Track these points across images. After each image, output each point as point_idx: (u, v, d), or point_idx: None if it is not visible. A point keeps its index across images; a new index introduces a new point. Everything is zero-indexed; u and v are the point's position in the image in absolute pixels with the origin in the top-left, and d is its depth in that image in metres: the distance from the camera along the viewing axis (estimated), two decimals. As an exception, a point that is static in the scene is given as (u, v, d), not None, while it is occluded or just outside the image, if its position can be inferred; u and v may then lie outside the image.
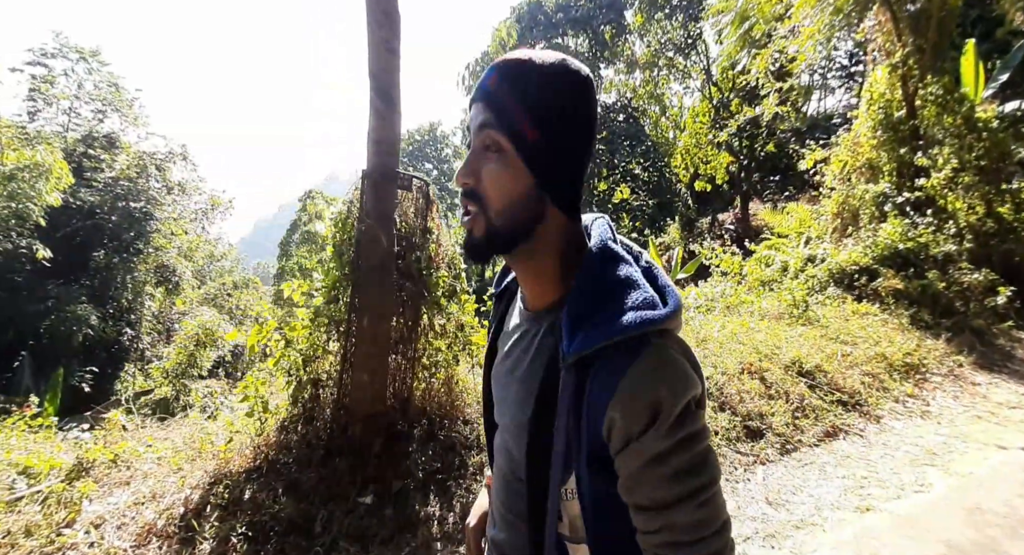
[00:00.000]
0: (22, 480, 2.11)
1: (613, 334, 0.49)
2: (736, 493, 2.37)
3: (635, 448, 0.49)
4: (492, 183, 0.54)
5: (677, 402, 0.48)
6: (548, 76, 0.53)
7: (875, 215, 7.09)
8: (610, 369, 0.49)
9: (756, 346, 3.66)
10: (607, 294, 0.53)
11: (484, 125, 0.54)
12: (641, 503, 0.51)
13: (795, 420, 2.95)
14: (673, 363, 0.50)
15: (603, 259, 0.56)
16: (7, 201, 12.44)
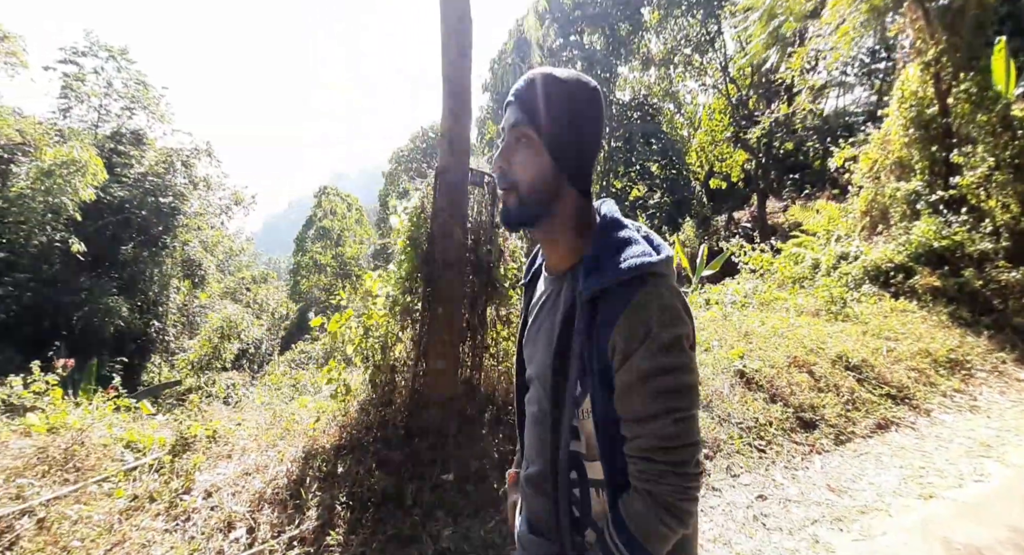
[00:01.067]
0: (128, 453, 2.27)
1: (619, 274, 0.63)
2: (797, 480, 2.46)
3: (628, 365, 0.62)
4: (522, 166, 0.70)
5: (664, 330, 0.61)
6: (566, 85, 0.69)
7: (907, 213, 7.06)
8: (615, 301, 0.63)
9: (801, 341, 3.73)
10: (614, 248, 0.67)
11: (517, 122, 0.69)
12: (627, 414, 0.63)
13: (846, 412, 3.02)
14: (665, 300, 0.63)
15: (611, 225, 0.71)
16: (43, 196, 12.80)
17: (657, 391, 0.61)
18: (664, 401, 0.61)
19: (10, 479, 1.90)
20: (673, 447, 0.61)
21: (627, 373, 0.62)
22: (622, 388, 0.63)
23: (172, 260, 16.90)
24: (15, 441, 2.14)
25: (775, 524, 2.10)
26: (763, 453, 2.66)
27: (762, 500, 2.29)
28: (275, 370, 15.87)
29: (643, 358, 0.60)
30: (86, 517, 1.81)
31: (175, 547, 1.73)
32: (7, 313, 12.58)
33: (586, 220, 0.73)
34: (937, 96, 7.16)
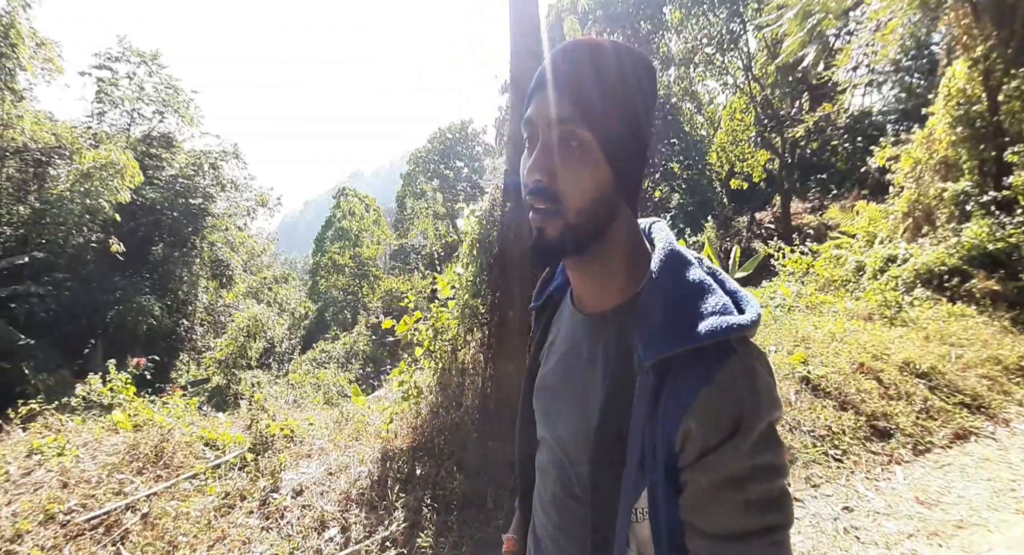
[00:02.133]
0: (208, 451, 2.30)
1: (696, 339, 0.47)
2: (881, 491, 2.38)
3: (710, 461, 0.46)
4: (573, 180, 0.51)
5: (761, 419, 0.46)
6: (625, 64, 0.51)
7: (955, 214, 6.85)
8: (690, 376, 0.47)
9: (862, 346, 3.63)
10: (683, 298, 0.50)
11: (563, 118, 0.50)
12: (706, 528, 0.47)
13: (921, 421, 2.92)
14: (759, 376, 0.47)
15: (673, 264, 0.53)
16: (81, 198, 13.20)
17: (751, 501, 0.46)
18: (760, 515, 0.46)
19: (110, 475, 1.93)
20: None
21: (707, 473, 0.47)
22: (695, 491, 0.48)
23: (200, 260, 17.28)
24: (107, 438, 2.18)
25: (868, 538, 2.04)
26: (840, 462, 2.59)
27: (848, 512, 2.23)
28: (298, 369, 16.13)
29: (732, 456, 0.46)
30: (184, 513, 1.83)
31: (274, 545, 1.75)
32: (46, 312, 12.98)
33: (640, 248, 0.57)
34: (987, 93, 6.94)
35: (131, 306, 14.78)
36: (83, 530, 1.67)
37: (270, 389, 11.84)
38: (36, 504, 1.71)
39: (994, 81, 6.83)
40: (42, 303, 12.74)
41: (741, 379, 0.46)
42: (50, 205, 13.10)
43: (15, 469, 1.89)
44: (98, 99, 17.25)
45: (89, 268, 14.67)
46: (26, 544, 1.58)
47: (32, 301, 12.66)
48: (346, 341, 24.04)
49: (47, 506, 1.71)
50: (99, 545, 1.63)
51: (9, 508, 1.69)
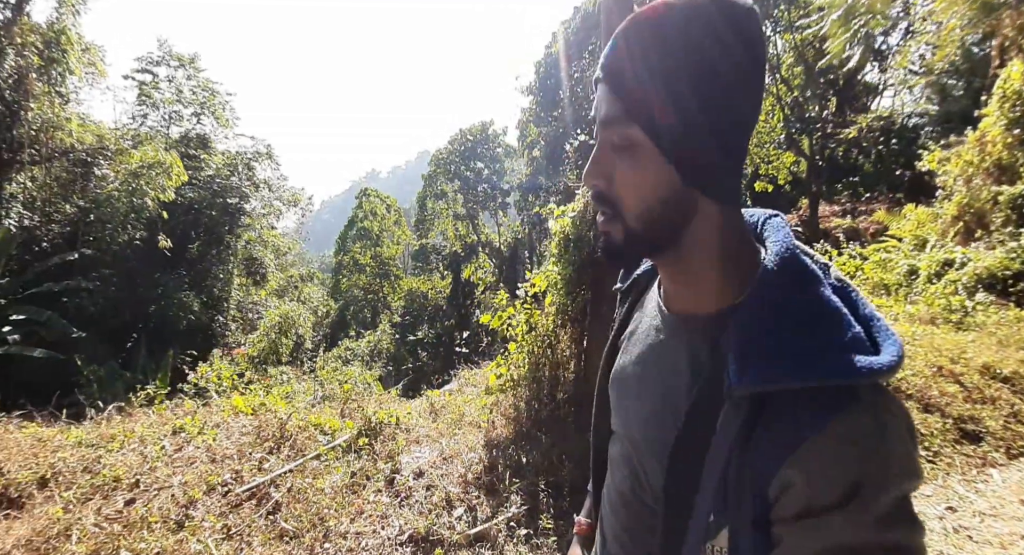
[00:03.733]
0: (319, 435, 2.42)
1: (811, 376, 0.39)
2: (982, 493, 2.38)
3: (815, 526, 0.38)
4: (626, 186, 0.46)
5: (887, 489, 0.37)
6: (686, 33, 0.42)
7: (1011, 218, 6.70)
8: (799, 419, 0.39)
9: (937, 350, 3.60)
10: (800, 319, 0.42)
11: (611, 117, 0.46)
12: None
13: (1010, 425, 2.90)
14: (890, 434, 0.38)
15: (790, 273, 0.44)
16: (128, 196, 13.70)
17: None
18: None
19: (248, 453, 2.06)
20: None
21: (806, 538, 0.38)
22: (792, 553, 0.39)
23: (235, 258, 17.75)
24: (233, 420, 2.32)
25: (981, 537, 2.05)
26: (934, 464, 2.59)
27: (952, 512, 2.23)
28: (325, 366, 16.43)
29: (846, 526, 0.37)
30: (319, 489, 1.94)
31: (409, 521, 1.84)
32: (94, 306, 13.48)
33: (740, 246, 0.49)
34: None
35: (172, 302, 15.25)
36: (242, 500, 1.80)
37: (299, 385, 12.12)
38: (198, 476, 1.84)
39: (1054, 82, 6.67)
40: (91, 298, 13.24)
41: (865, 435, 0.38)
42: (96, 204, 13.62)
43: (168, 445, 2.03)
44: (140, 102, 17.85)
45: (133, 264, 15.18)
46: (199, 510, 1.71)
47: (82, 296, 13.18)
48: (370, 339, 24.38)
49: (208, 478, 1.84)
50: (256, 514, 1.75)
51: (176, 478, 1.82)
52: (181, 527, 1.62)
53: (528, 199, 25.93)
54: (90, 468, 1.81)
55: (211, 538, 1.59)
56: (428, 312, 27.97)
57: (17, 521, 1.54)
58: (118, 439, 2.01)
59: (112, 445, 1.96)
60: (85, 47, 15.25)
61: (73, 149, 14.50)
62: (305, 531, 1.72)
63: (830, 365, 0.38)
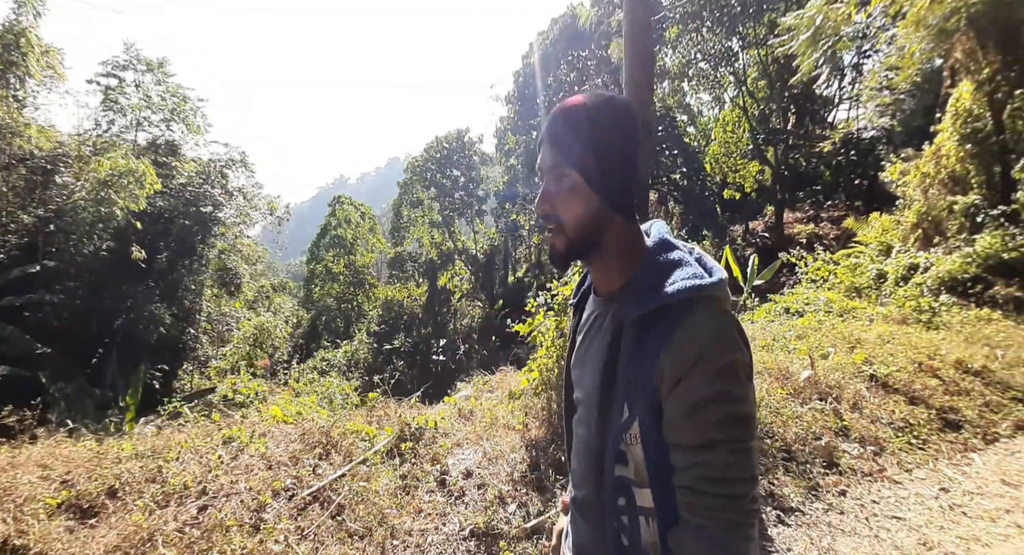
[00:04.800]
0: (359, 441, 2.49)
1: (669, 297, 0.61)
2: (968, 475, 2.65)
3: (681, 389, 0.58)
4: (567, 209, 0.68)
5: (720, 355, 0.58)
6: (598, 115, 0.67)
7: (965, 225, 7.29)
8: (664, 325, 0.60)
9: (914, 347, 3.93)
10: (663, 270, 0.65)
11: (555, 164, 0.68)
12: (681, 442, 0.59)
13: (984, 414, 3.21)
14: (718, 323, 0.60)
15: (661, 246, 0.69)
16: (95, 206, 13.16)
17: (710, 419, 0.58)
18: (718, 430, 0.57)
19: (301, 459, 2.11)
20: (728, 479, 0.57)
21: (677, 399, 0.59)
22: (672, 415, 0.60)
23: (208, 268, 17.21)
24: (277, 428, 2.36)
25: (974, 513, 2.29)
26: (923, 450, 2.85)
27: (945, 492, 2.48)
28: (300, 377, 16.06)
29: (694, 384, 0.58)
30: (374, 491, 2.01)
31: (468, 517, 1.94)
32: (59, 320, 12.84)
33: (636, 243, 0.72)
34: (992, 113, 7.43)
35: (142, 315, 14.67)
36: (306, 503, 1.85)
37: (272, 397, 11.86)
38: (260, 482, 1.88)
39: (999, 102, 7.32)
40: (55, 311, 12.61)
41: (701, 325, 0.59)
42: (58, 213, 13.01)
43: (224, 454, 2.05)
44: (106, 107, 17.19)
45: (100, 276, 14.55)
46: (269, 513, 1.76)
47: (45, 309, 12.54)
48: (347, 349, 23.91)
49: (273, 483, 1.88)
50: (322, 516, 1.81)
51: (241, 484, 1.86)
52: (257, 530, 1.67)
53: (505, 207, 26.15)
54: (154, 478, 1.83)
55: (287, 539, 1.65)
56: (404, 321, 27.66)
57: (96, 529, 1.56)
58: (173, 450, 2.03)
59: (168, 455, 1.98)
60: (45, 50, 14.64)
61: (32, 156, 13.83)
62: (372, 530, 1.80)
63: (677, 288, 0.61)
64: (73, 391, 11.23)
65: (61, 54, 15.11)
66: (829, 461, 2.61)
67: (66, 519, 1.57)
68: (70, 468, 1.80)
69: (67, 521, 1.57)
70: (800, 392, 3.14)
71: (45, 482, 1.71)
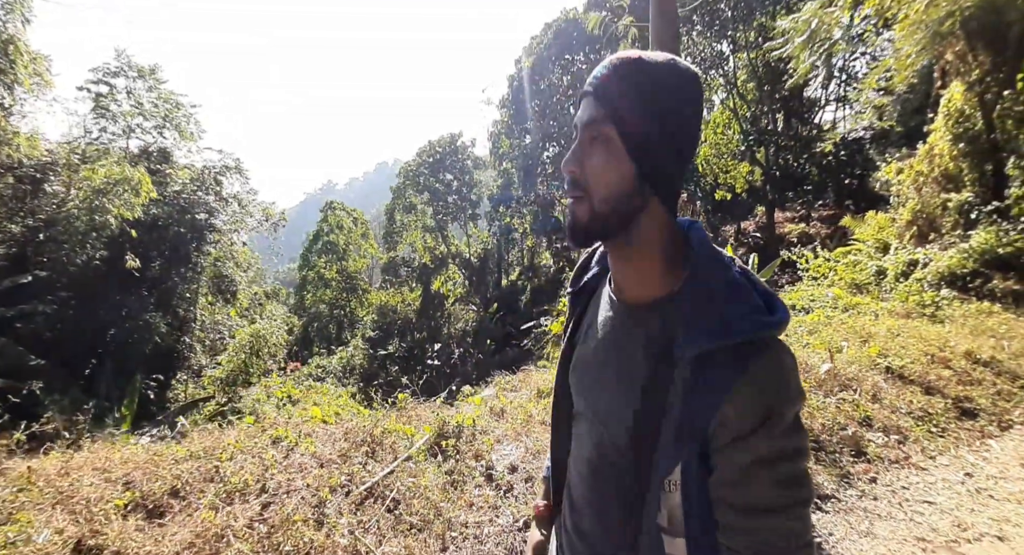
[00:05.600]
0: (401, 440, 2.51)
1: (734, 335, 0.53)
2: (988, 460, 2.73)
3: (745, 445, 0.53)
4: (595, 172, 0.58)
5: (790, 408, 0.53)
6: (657, 72, 0.57)
7: (959, 222, 7.48)
8: (728, 367, 0.53)
9: (924, 340, 4.03)
10: (723, 296, 0.56)
11: (593, 119, 0.58)
12: (738, 502, 0.54)
13: (998, 403, 3.31)
14: (789, 371, 0.54)
15: (713, 261, 0.60)
16: (88, 214, 13.00)
17: (778, 480, 0.53)
18: (786, 493, 0.53)
19: (350, 457, 2.13)
20: (791, 547, 0.53)
21: (743, 454, 0.53)
22: (732, 471, 0.54)
23: (204, 276, 17.04)
24: (321, 428, 2.37)
25: (999, 496, 2.37)
26: (943, 438, 2.94)
27: (969, 477, 2.56)
28: (297, 385, 15.90)
29: (765, 439, 0.53)
30: (424, 486, 2.04)
31: (519, 509, 1.97)
32: (52, 330, 12.65)
33: (676, 243, 0.62)
34: (982, 113, 7.65)
35: (137, 324, 14.49)
36: (363, 498, 1.87)
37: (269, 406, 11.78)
38: (317, 479, 1.90)
39: (989, 102, 7.54)
40: (47, 322, 12.41)
41: (773, 372, 0.53)
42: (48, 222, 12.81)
43: (276, 454, 2.07)
44: (97, 114, 17.01)
45: (93, 286, 14.35)
46: (330, 509, 1.78)
47: (37, 320, 12.33)
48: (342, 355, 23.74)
49: (329, 480, 1.90)
50: (380, 510, 1.83)
51: (300, 481, 1.87)
52: (321, 524, 1.69)
53: (499, 210, 26.23)
54: (212, 477, 1.84)
55: (353, 532, 1.67)
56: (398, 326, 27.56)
57: (165, 528, 1.57)
58: (226, 450, 2.04)
59: (222, 456, 1.99)
60: (33, 57, 14.47)
61: (20, 164, 13.64)
62: (429, 523, 1.82)
63: (746, 325, 0.54)
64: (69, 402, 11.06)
65: (48, 61, 14.92)
66: (857, 450, 2.68)
67: (135, 519, 1.58)
68: (128, 470, 1.81)
69: (137, 521, 1.58)
70: (822, 384, 3.21)
71: (107, 484, 1.71)
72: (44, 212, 13.18)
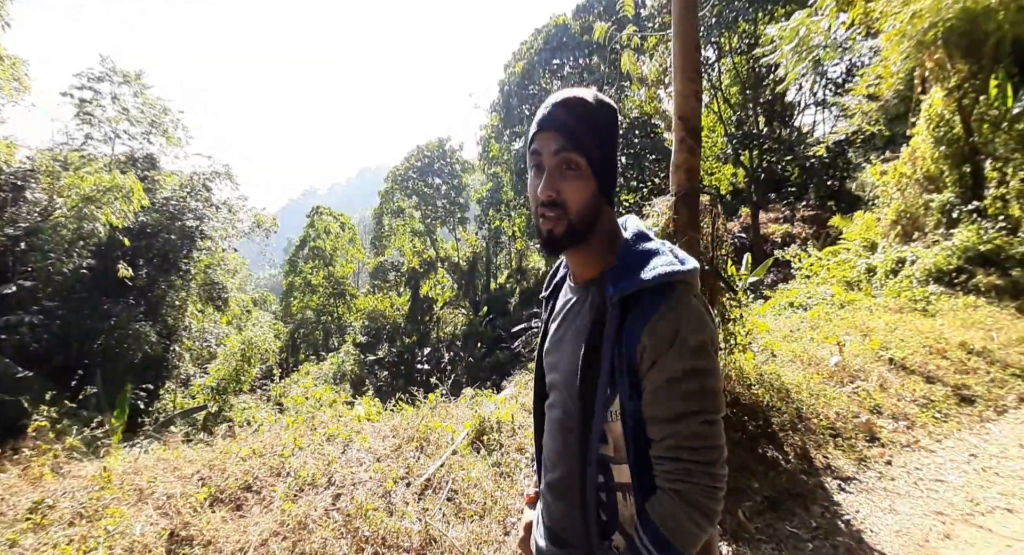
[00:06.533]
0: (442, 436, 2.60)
1: (648, 280, 0.66)
2: (989, 442, 2.93)
3: (658, 366, 0.64)
4: (573, 193, 0.71)
5: (694, 334, 0.64)
6: (599, 109, 0.73)
7: (941, 221, 7.83)
8: (645, 306, 0.66)
9: (921, 332, 4.25)
10: (643, 258, 0.70)
11: (561, 149, 0.71)
12: (657, 415, 0.65)
13: (992, 389, 3.52)
14: (692, 306, 0.66)
15: (639, 237, 0.75)
16: (76, 222, 12.75)
17: (686, 392, 0.64)
18: (693, 402, 0.64)
19: (402, 451, 2.21)
20: (701, 447, 0.64)
21: (656, 375, 0.64)
22: (651, 390, 0.65)
23: (194, 284, 16.79)
24: (368, 426, 2.45)
25: (1004, 474, 2.56)
26: (946, 422, 3.13)
27: (974, 457, 2.75)
28: (288, 392, 15.76)
29: (672, 360, 0.63)
30: (476, 477, 2.14)
31: (571, 501, 2.08)
32: (38, 341, 12.36)
33: (616, 232, 0.78)
34: (961, 118, 8.03)
35: (126, 333, 14.21)
36: (423, 489, 1.96)
37: (263, 413, 11.68)
38: (380, 472, 1.98)
39: (967, 108, 7.92)
40: (33, 333, 12.12)
41: (679, 307, 0.65)
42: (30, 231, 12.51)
43: (335, 450, 2.14)
44: (82, 120, 16.69)
45: (80, 295, 14.04)
46: (396, 498, 1.86)
47: (22, 331, 12.02)
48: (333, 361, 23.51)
49: (391, 473, 1.98)
50: (440, 499, 1.92)
51: (363, 474, 1.95)
52: (391, 513, 1.78)
53: (489, 213, 26.34)
54: (279, 472, 1.91)
55: (423, 519, 1.76)
56: (387, 331, 27.38)
57: (246, 519, 1.64)
58: (287, 447, 2.10)
59: (283, 452, 2.06)
60: (12, 61, 14.17)
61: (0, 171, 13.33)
62: (488, 510, 1.92)
63: (658, 273, 0.67)
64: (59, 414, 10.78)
65: (26, 65, 14.61)
66: (870, 435, 2.85)
67: (220, 511, 1.65)
68: (197, 468, 1.87)
69: (221, 513, 1.64)
70: (832, 376, 3.39)
71: (180, 481, 1.77)
72: (26, 220, 12.86)
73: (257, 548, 1.47)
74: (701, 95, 3.03)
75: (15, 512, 1.48)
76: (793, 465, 2.53)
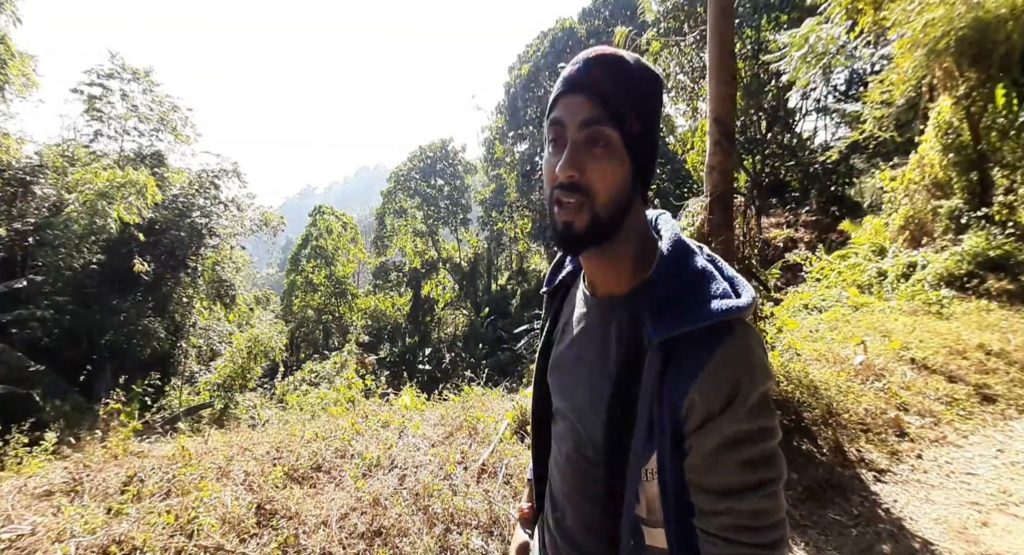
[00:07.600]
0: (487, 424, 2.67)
1: (700, 320, 0.53)
2: (1014, 438, 3.01)
3: (712, 428, 0.52)
4: (601, 175, 0.56)
5: (755, 388, 0.52)
6: (642, 73, 0.57)
7: (950, 227, 7.93)
8: (695, 352, 0.52)
9: (939, 334, 4.34)
10: (690, 283, 0.56)
11: (591, 120, 0.55)
12: (709, 485, 0.53)
13: (1014, 389, 3.61)
14: (754, 351, 0.53)
15: (682, 251, 0.59)
16: (88, 218, 12.83)
17: (747, 460, 0.52)
18: (755, 473, 0.53)
19: (454, 437, 2.29)
20: (762, 527, 0.53)
21: (710, 437, 0.52)
22: (700, 454, 0.53)
23: (202, 280, 16.86)
24: (418, 415, 2.52)
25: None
26: (971, 420, 3.21)
27: (1001, 452, 2.83)
28: (292, 390, 15.83)
29: (730, 421, 0.52)
30: (525, 463, 2.21)
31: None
32: (49, 336, 12.42)
33: (648, 235, 0.63)
34: (969, 125, 8.15)
35: (136, 329, 14.27)
36: (480, 473, 2.03)
37: (268, 411, 11.74)
38: (437, 456, 2.05)
39: (975, 116, 8.04)
40: (44, 327, 12.18)
41: (739, 354, 0.52)
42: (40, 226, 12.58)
43: (391, 435, 2.21)
44: (92, 116, 16.77)
45: (90, 290, 14.10)
46: (457, 480, 1.93)
47: (33, 326, 12.08)
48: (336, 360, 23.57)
49: (448, 457, 2.05)
50: (496, 483, 2.00)
51: (423, 457, 2.02)
52: (454, 493, 1.85)
53: (491, 215, 26.44)
54: (343, 455, 1.98)
55: (486, 499, 1.83)
56: (388, 331, 27.44)
57: (322, 496, 1.71)
58: (347, 432, 2.17)
59: (344, 436, 2.13)
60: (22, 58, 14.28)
61: (9, 166, 13.41)
62: (544, 495, 1.99)
63: (711, 310, 0.53)
64: (71, 408, 10.88)
65: (35, 61, 14.72)
66: (899, 431, 2.93)
67: (298, 488, 1.72)
68: (267, 449, 1.94)
69: (297, 490, 1.71)
70: (857, 374, 3.47)
71: (254, 461, 1.84)
72: (35, 216, 12.93)
73: (339, 521, 1.54)
74: (735, 98, 3.11)
75: (108, 486, 1.55)
76: (828, 458, 2.60)
